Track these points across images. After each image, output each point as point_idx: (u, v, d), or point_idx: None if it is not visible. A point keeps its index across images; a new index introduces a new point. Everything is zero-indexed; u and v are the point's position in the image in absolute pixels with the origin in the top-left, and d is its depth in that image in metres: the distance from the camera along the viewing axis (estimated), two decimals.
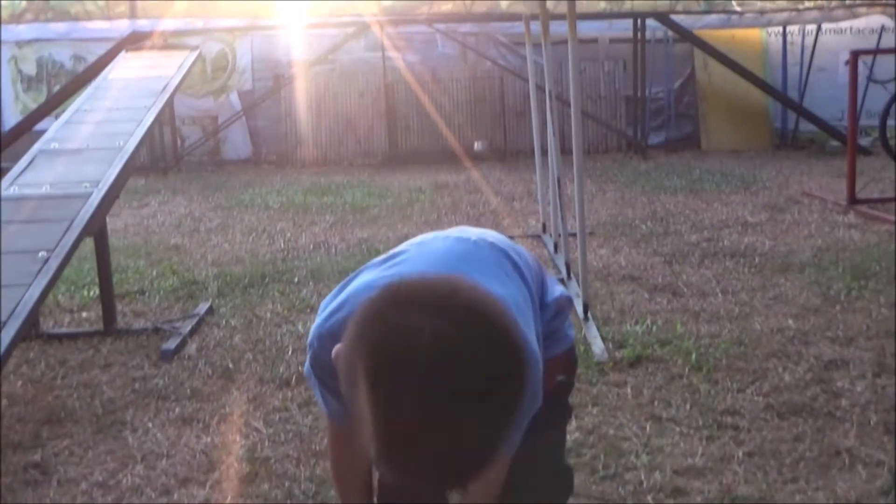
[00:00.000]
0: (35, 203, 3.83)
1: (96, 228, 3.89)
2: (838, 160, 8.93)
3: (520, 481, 1.47)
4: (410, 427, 1.06)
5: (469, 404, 1.05)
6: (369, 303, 1.13)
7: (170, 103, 6.05)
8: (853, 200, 6.65)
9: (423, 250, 1.47)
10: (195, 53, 5.78)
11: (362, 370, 1.08)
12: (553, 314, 1.62)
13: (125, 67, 5.65)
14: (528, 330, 1.38)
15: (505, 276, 1.45)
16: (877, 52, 8.26)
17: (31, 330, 4.11)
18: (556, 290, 1.64)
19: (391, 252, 1.50)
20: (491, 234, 1.57)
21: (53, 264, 3.37)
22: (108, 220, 4.36)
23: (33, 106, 10.58)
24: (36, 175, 4.13)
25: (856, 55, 6.79)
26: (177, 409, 3.27)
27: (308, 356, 1.48)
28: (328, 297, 1.48)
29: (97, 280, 4.36)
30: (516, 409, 1.12)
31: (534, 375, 1.34)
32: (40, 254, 3.43)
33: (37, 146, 4.46)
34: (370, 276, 1.42)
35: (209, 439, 3.00)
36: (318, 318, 1.43)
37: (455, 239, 1.51)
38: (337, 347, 1.19)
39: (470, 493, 1.42)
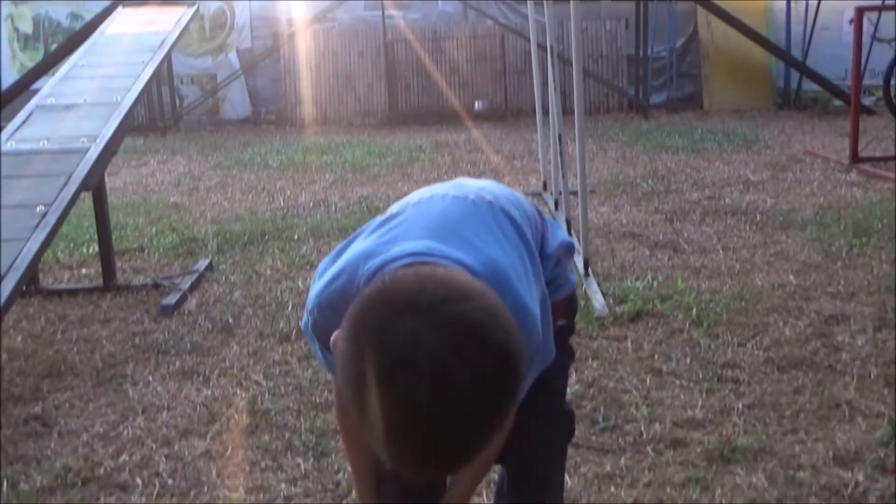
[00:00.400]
0: (32, 158, 3.80)
1: (94, 183, 3.87)
2: (841, 120, 8.88)
3: (521, 425, 1.47)
4: (406, 434, 1.09)
5: (463, 408, 1.08)
6: (362, 303, 1.14)
7: (167, 59, 5.99)
8: (855, 159, 6.61)
9: (419, 212, 1.44)
10: (193, 9, 5.71)
11: (356, 374, 1.10)
12: (555, 263, 1.61)
13: (122, 23, 5.59)
14: (527, 291, 1.38)
15: (503, 236, 1.43)
16: (882, 8, 8.16)
17: (30, 286, 4.11)
18: (558, 236, 1.62)
19: (388, 213, 1.47)
20: (489, 189, 1.54)
21: (51, 219, 3.35)
22: (106, 178, 4.34)
23: (30, 65, 10.50)
24: (33, 130, 4.09)
25: (860, 12, 6.71)
26: (177, 363, 3.27)
27: (308, 321, 1.46)
28: (326, 261, 1.46)
29: (96, 237, 4.35)
30: (514, 399, 1.14)
31: (532, 340, 1.35)
32: (38, 208, 3.41)
33: (34, 101, 4.43)
34: (367, 244, 1.39)
35: (209, 392, 3.00)
36: (317, 285, 1.42)
37: (453, 199, 1.48)
38: (334, 337, 1.19)
39: None
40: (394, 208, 1.49)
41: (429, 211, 1.45)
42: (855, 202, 5.45)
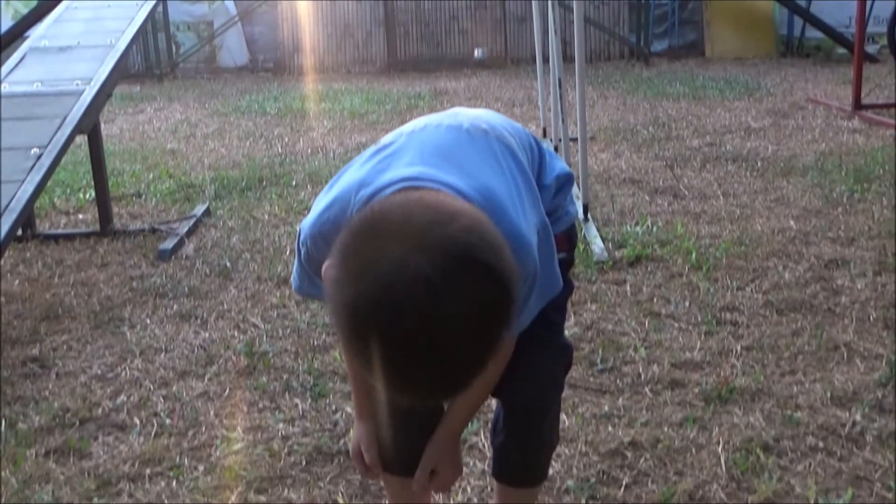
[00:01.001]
0: (26, 100, 3.76)
1: (89, 126, 3.83)
2: (844, 67, 8.80)
3: (518, 358, 1.46)
4: (395, 360, 1.07)
5: (452, 332, 1.06)
6: (350, 231, 1.12)
7: (163, 4, 5.89)
8: (858, 106, 6.56)
9: (413, 141, 1.41)
10: None
11: (345, 302, 1.08)
12: (554, 193, 1.58)
13: None
14: (523, 219, 1.35)
15: (498, 165, 1.40)
16: None
17: (27, 230, 4.09)
18: (557, 166, 1.59)
19: (381, 143, 1.44)
20: (485, 118, 1.51)
21: (46, 161, 3.32)
22: (102, 125, 4.31)
23: (24, 11, 10.36)
24: (27, 72, 4.04)
25: None
26: (174, 307, 3.26)
27: (301, 253, 1.44)
28: (322, 192, 1.43)
29: (92, 182, 4.32)
30: (506, 323, 1.11)
31: (527, 267, 1.32)
32: (32, 150, 3.38)
33: (27, 44, 4.37)
34: (361, 173, 1.36)
35: (207, 335, 3.00)
36: (310, 216, 1.39)
37: (447, 128, 1.45)
38: (325, 267, 1.17)
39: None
40: (386, 138, 1.46)
41: (422, 139, 1.42)
42: (857, 149, 5.41)
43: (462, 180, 1.30)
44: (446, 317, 1.04)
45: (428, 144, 1.39)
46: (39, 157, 3.33)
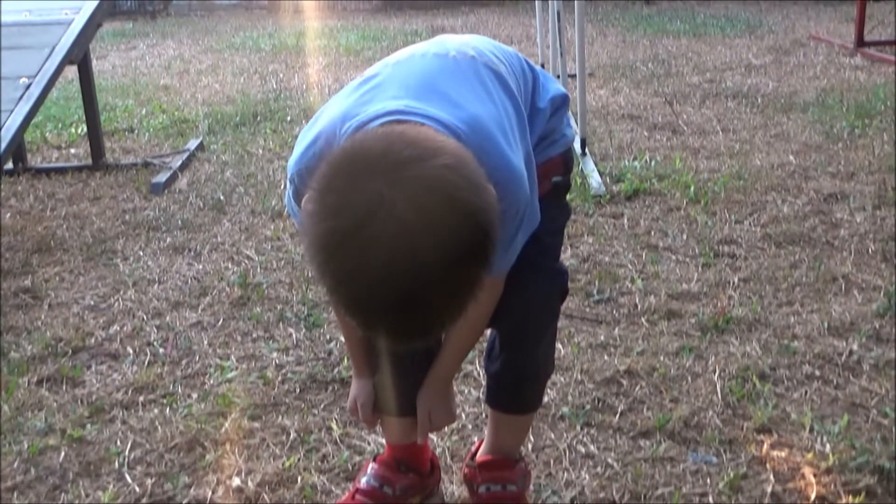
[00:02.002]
0: (15, 30, 3.68)
1: (79, 56, 3.76)
2: (847, 6, 8.67)
3: (513, 283, 1.43)
4: (370, 298, 1.06)
5: (425, 270, 1.04)
6: (329, 164, 1.09)
7: None
8: (860, 43, 6.47)
9: (398, 72, 1.36)
10: None
11: (320, 235, 1.06)
12: (549, 115, 1.54)
13: None
14: (514, 149, 1.32)
15: (485, 93, 1.35)
16: None
17: (18, 164, 4.05)
18: (551, 88, 1.55)
19: (365, 74, 1.39)
20: (473, 44, 1.45)
21: (35, 91, 3.26)
22: (94, 61, 4.24)
23: None
24: (14, 2, 3.96)
25: None
26: (168, 239, 3.23)
27: (290, 190, 1.40)
28: (307, 126, 1.39)
29: (84, 117, 4.25)
30: (483, 263, 1.09)
31: (518, 200, 1.30)
32: (21, 80, 3.32)
33: None
34: (344, 106, 1.32)
35: (201, 267, 2.97)
36: (296, 151, 1.35)
37: (433, 56, 1.40)
38: (304, 200, 1.13)
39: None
40: (371, 70, 1.40)
41: (408, 69, 1.37)
42: (858, 85, 5.34)
43: (449, 112, 1.26)
44: (418, 255, 1.02)
45: (414, 75, 1.34)
46: (28, 86, 3.27)
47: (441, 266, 1.04)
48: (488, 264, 1.09)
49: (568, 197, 3.16)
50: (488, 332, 1.59)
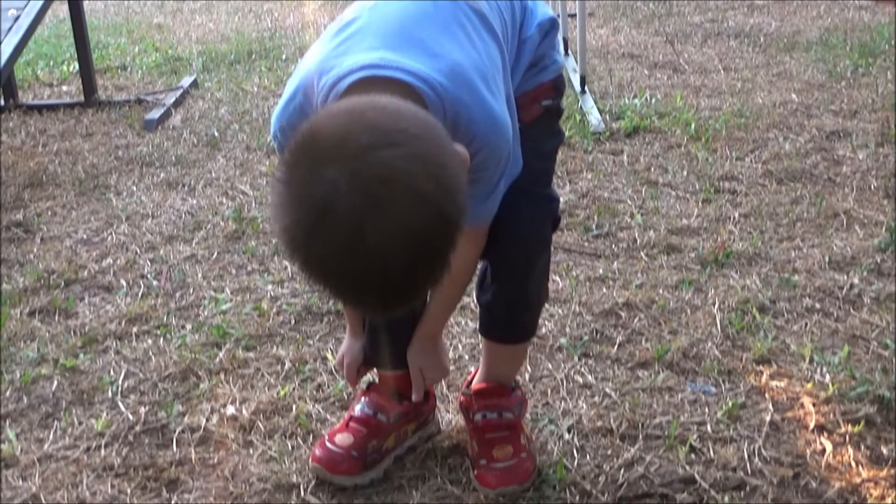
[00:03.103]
0: None
1: None
2: None
3: (503, 211, 1.41)
4: (338, 288, 1.10)
5: (386, 264, 1.04)
6: (289, 153, 1.07)
7: None
8: None
9: (375, 17, 1.29)
10: None
11: (284, 232, 1.06)
12: (538, 41, 1.49)
13: None
14: (497, 97, 1.28)
15: (465, 37, 1.30)
16: None
17: (9, 100, 3.99)
18: (538, 13, 1.49)
19: (345, 19, 1.32)
20: None
21: (24, 22, 3.19)
22: (86, 0, 4.15)
23: None
24: None
25: None
26: (161, 175, 3.18)
27: (276, 146, 1.37)
28: (291, 77, 1.34)
29: (76, 54, 4.18)
30: (444, 252, 1.08)
31: (499, 150, 1.28)
32: (10, 12, 3.25)
33: None
34: (321, 57, 1.27)
35: (195, 201, 2.93)
36: (279, 106, 1.31)
37: None
38: (270, 187, 1.12)
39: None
40: (349, 13, 1.34)
41: (385, 15, 1.30)
42: (862, 25, 5.26)
43: (427, 63, 1.22)
44: (376, 247, 1.02)
45: (391, 21, 1.29)
46: (17, 18, 3.20)
47: (399, 256, 1.04)
48: (451, 246, 1.08)
49: (567, 134, 3.12)
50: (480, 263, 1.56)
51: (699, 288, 2.23)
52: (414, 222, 1.03)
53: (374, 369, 1.66)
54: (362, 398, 1.64)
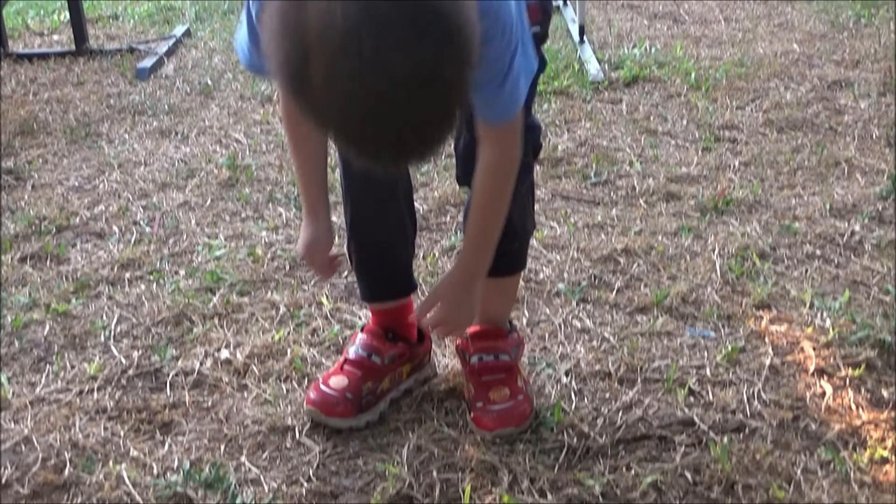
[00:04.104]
0: None
1: None
2: None
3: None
4: (342, 123, 0.95)
5: (401, 92, 0.90)
6: None
7: None
8: None
9: None
10: None
11: (281, 64, 0.93)
12: None
13: None
14: None
15: None
16: None
17: None
18: None
19: None
20: None
21: None
22: None
23: None
24: None
25: None
26: (154, 123, 3.14)
27: (243, 17, 1.29)
28: None
29: (67, 2, 4.10)
30: (455, 89, 0.95)
31: (503, 22, 1.18)
32: None
33: None
34: None
35: (188, 149, 2.89)
36: None
37: None
38: (262, 17, 0.99)
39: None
40: None
41: None
42: None
43: None
44: (378, 61, 0.88)
45: None
46: None
47: (411, 79, 0.90)
48: (464, 82, 0.95)
49: (566, 83, 3.08)
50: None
51: (699, 234, 2.20)
52: (419, 39, 0.89)
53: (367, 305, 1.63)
54: (356, 340, 1.62)
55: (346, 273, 1.99)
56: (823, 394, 1.59)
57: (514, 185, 1.42)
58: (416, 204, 1.73)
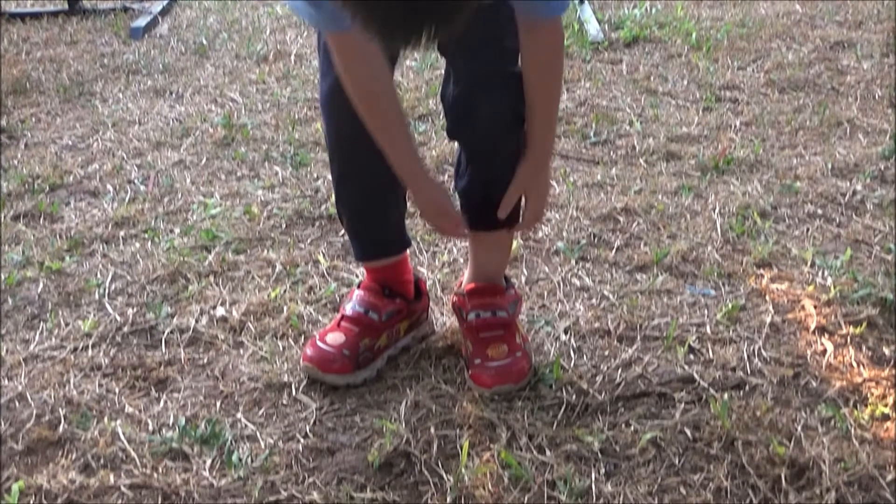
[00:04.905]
0: None
1: None
2: None
3: (474, 89, 1.39)
4: None
5: None
6: None
7: None
8: None
9: None
10: None
11: None
12: None
13: None
14: None
15: None
16: None
17: None
18: None
19: None
20: None
21: None
22: None
23: None
24: None
25: None
26: (148, 82, 3.10)
27: None
28: None
29: None
30: None
31: None
32: None
33: None
34: None
35: (183, 108, 2.86)
36: None
37: None
38: None
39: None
40: None
41: None
42: None
43: None
44: None
45: None
46: None
47: None
48: None
49: (565, 43, 3.03)
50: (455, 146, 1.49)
51: (699, 194, 2.18)
52: None
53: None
54: (353, 296, 1.60)
55: (342, 231, 1.97)
56: (824, 351, 1.58)
57: (506, 139, 1.41)
58: None
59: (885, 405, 1.43)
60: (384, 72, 1.36)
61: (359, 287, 1.62)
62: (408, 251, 1.64)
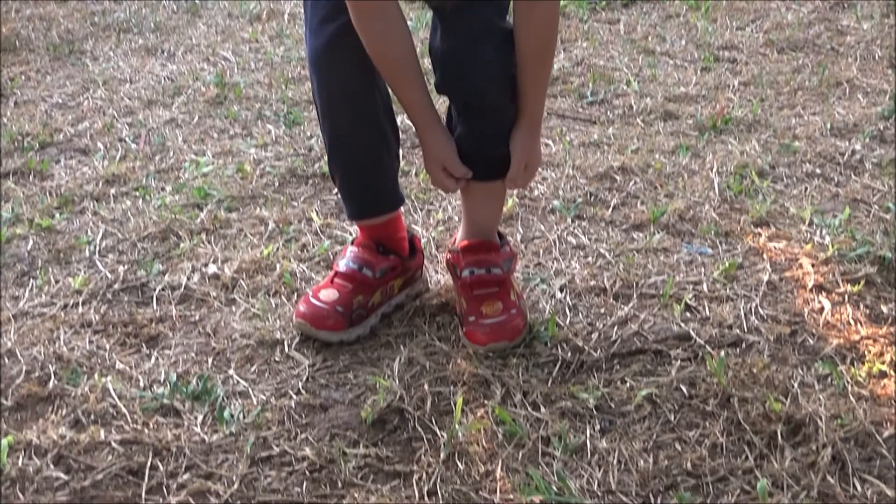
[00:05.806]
0: None
1: None
2: None
3: (469, 45, 1.36)
4: None
5: None
6: None
7: None
8: None
9: None
10: None
11: None
12: None
13: None
14: None
15: None
16: None
17: None
18: None
19: None
20: None
21: None
22: None
23: None
24: None
25: None
26: (140, 41, 3.06)
27: None
28: None
29: None
30: None
31: None
32: None
33: None
34: None
35: (175, 67, 2.82)
36: None
37: None
38: None
39: None
40: None
41: None
42: None
43: None
44: None
45: None
46: None
47: None
48: None
49: (562, 3, 2.99)
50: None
51: (697, 153, 2.16)
52: None
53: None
54: (346, 253, 1.58)
55: (335, 190, 1.94)
56: (822, 309, 1.57)
57: (504, 93, 1.39)
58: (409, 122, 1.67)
59: (883, 362, 1.42)
60: (402, 27, 1.37)
61: (352, 244, 1.60)
62: (402, 208, 1.61)
